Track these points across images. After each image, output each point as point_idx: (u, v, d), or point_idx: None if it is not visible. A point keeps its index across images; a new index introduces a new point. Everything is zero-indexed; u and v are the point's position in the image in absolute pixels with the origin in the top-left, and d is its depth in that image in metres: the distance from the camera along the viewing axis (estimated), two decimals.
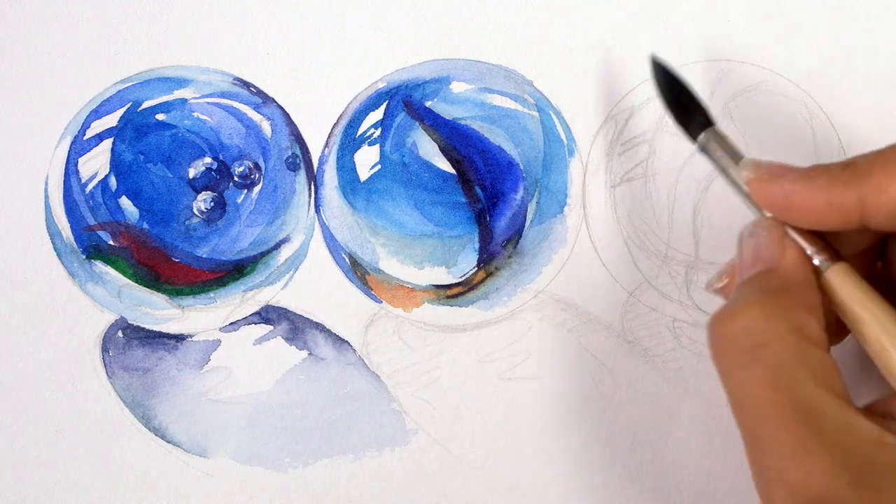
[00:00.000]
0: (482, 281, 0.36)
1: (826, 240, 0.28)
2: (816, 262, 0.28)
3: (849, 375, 0.30)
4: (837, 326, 0.29)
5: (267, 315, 0.36)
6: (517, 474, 0.36)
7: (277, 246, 0.36)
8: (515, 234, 0.36)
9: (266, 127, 0.36)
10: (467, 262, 0.36)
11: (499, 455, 0.36)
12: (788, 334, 0.25)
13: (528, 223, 0.36)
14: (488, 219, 0.36)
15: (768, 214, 0.29)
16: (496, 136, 0.36)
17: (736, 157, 0.31)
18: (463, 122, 0.36)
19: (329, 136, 0.36)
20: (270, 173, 0.36)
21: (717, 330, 0.26)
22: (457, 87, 0.36)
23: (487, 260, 0.36)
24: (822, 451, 0.24)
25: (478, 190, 0.36)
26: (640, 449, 0.36)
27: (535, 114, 0.36)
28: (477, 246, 0.36)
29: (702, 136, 0.32)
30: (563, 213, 0.36)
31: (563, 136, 0.36)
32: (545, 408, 0.36)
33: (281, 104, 0.36)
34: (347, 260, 0.36)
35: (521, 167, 0.36)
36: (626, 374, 0.36)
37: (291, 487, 0.36)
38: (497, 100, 0.36)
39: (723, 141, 0.31)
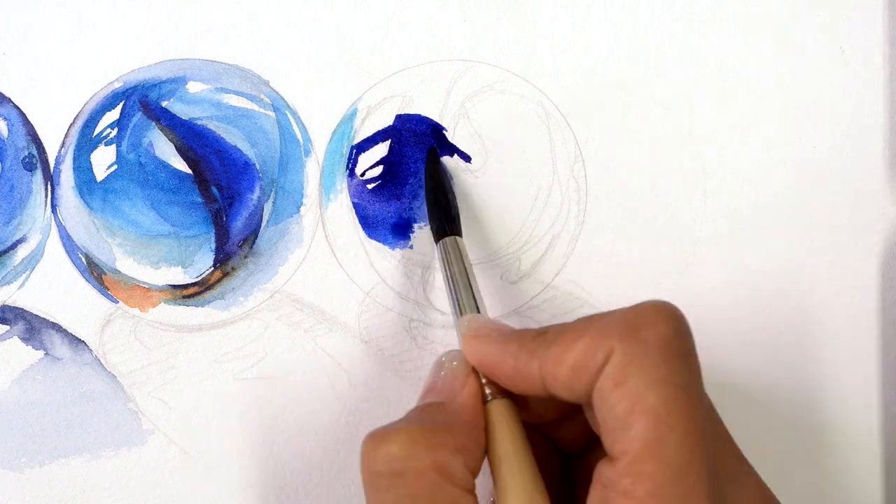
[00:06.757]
0: (218, 281, 0.36)
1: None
2: (487, 392, 0.28)
3: None
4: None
5: (3, 315, 0.36)
6: (253, 474, 0.36)
7: (14, 246, 0.36)
8: (252, 234, 0.36)
9: (2, 127, 0.36)
10: (203, 262, 0.36)
11: (235, 455, 0.36)
12: (429, 470, 0.25)
13: (264, 223, 0.36)
14: (224, 219, 0.36)
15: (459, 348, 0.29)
16: (232, 136, 0.36)
17: (467, 269, 0.32)
18: (199, 122, 0.36)
19: (65, 137, 0.36)
20: (7, 173, 0.36)
21: (366, 446, 0.26)
22: (193, 87, 0.36)
23: (224, 260, 0.36)
24: None
25: (214, 190, 0.36)
26: None
27: (272, 114, 0.36)
28: (213, 246, 0.36)
29: (449, 240, 0.33)
30: (299, 212, 0.36)
31: (299, 136, 0.36)
32: (281, 408, 0.36)
33: (17, 104, 0.36)
34: (84, 260, 0.36)
35: (258, 167, 0.36)
36: (362, 374, 0.36)
37: (27, 487, 0.36)
38: (233, 100, 0.36)
39: (462, 252, 0.33)
